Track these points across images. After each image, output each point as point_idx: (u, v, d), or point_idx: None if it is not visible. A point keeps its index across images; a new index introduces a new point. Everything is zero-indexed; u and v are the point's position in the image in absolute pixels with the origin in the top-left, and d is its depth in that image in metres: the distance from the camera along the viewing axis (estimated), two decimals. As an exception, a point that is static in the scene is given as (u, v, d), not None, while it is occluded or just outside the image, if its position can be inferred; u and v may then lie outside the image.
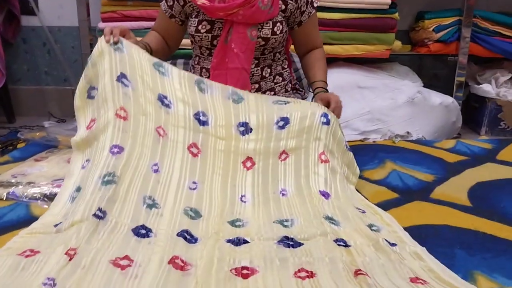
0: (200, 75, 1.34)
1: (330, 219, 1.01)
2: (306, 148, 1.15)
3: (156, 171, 1.06)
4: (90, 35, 2.09)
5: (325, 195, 1.10)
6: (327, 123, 1.17)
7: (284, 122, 1.18)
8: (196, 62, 1.38)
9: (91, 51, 1.97)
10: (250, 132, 1.18)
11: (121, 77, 1.12)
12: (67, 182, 1.10)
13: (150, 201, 0.98)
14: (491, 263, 0.88)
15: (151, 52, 1.27)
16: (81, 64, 2.18)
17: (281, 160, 1.16)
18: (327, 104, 1.23)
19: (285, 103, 1.22)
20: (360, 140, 1.81)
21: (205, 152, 1.15)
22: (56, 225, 0.93)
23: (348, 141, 1.29)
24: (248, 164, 1.16)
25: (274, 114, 1.19)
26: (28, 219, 1.03)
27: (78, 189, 1.02)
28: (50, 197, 1.13)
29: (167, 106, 1.16)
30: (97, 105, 1.13)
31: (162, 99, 1.16)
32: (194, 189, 1.08)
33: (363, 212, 1.07)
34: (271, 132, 1.17)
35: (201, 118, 1.18)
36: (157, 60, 1.21)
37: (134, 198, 0.97)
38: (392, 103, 1.91)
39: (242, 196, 1.10)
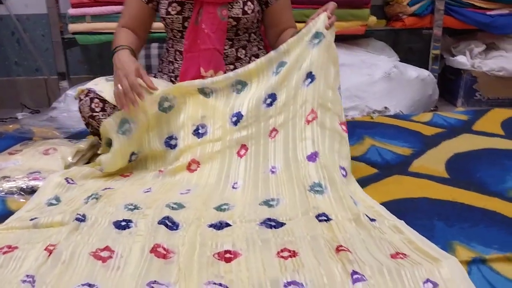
0: (174, 58, 1.32)
1: (316, 187, 1.01)
2: (294, 119, 1.15)
3: (148, 191, 1.10)
4: (60, 22, 2.02)
5: (313, 157, 1.08)
6: (312, 81, 1.15)
7: (272, 99, 1.18)
8: (170, 46, 1.35)
9: (62, 38, 1.93)
10: (241, 118, 1.18)
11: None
12: (46, 186, 1.10)
13: (132, 206, 0.99)
14: (469, 232, 0.90)
15: (135, 56, 1.25)
16: (52, 53, 2.12)
17: (271, 138, 1.16)
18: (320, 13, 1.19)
19: (282, 66, 1.20)
20: (339, 117, 1.81)
21: (204, 163, 1.17)
22: (32, 219, 0.92)
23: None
24: (242, 151, 1.17)
25: (263, 92, 1.18)
26: (5, 214, 1.02)
27: (57, 199, 1.05)
28: (26, 191, 1.11)
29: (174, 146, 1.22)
30: None
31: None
32: (185, 193, 1.09)
33: (345, 175, 1.08)
34: (259, 112, 1.17)
35: (200, 131, 1.20)
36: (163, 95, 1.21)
37: (116, 204, 0.99)
38: (369, 79, 1.91)
39: (234, 183, 1.11)
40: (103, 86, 1.25)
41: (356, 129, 1.58)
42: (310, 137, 1.11)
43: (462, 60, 2.15)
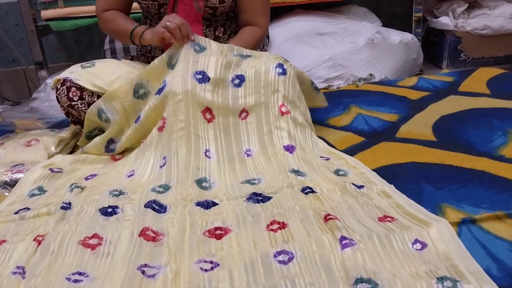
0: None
1: (296, 171, 1.01)
2: (266, 103, 1.13)
3: (131, 175, 1.08)
4: (32, 10, 1.96)
5: (290, 149, 1.09)
6: (283, 73, 1.14)
7: (240, 80, 1.15)
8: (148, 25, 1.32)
9: (36, 26, 1.88)
10: (208, 81, 1.12)
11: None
12: (27, 177, 1.08)
13: (117, 192, 0.97)
14: (458, 194, 0.90)
15: None
16: (27, 42, 2.06)
17: (242, 119, 1.14)
18: None
19: (246, 57, 1.19)
20: (325, 88, 1.80)
21: (169, 118, 1.10)
22: (16, 213, 0.90)
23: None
24: (208, 115, 1.12)
25: (229, 72, 1.16)
26: (-10, 209, 0.99)
27: (41, 189, 1.03)
28: (10, 184, 1.09)
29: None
30: None
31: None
32: (163, 165, 1.06)
33: (327, 159, 1.08)
34: (227, 89, 1.14)
35: (159, 87, 1.15)
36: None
37: (101, 191, 0.98)
38: (352, 47, 1.89)
39: (206, 150, 1.08)
40: (79, 74, 1.22)
41: (342, 99, 1.57)
42: (286, 129, 1.12)
43: (445, 21, 2.13)
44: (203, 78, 1.12)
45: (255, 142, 1.12)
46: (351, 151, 1.14)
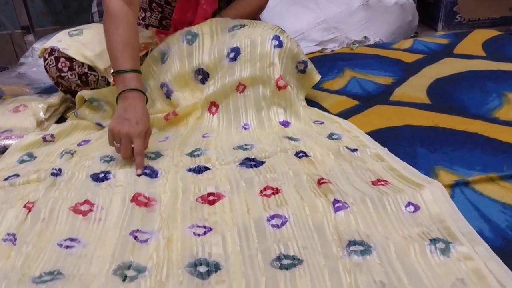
0: (149, 6, 1.25)
1: (290, 138, 1.00)
2: (262, 78, 1.10)
3: None
4: (15, -29, 1.89)
5: (285, 124, 1.09)
6: (280, 45, 1.10)
7: (235, 53, 1.12)
8: None
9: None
10: (208, 77, 1.14)
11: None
12: (18, 144, 1.07)
13: (108, 158, 0.96)
14: (451, 156, 0.89)
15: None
16: (12, 6, 2.00)
17: (240, 92, 1.12)
18: None
19: (240, 27, 1.16)
20: (318, 51, 1.76)
21: (180, 114, 1.13)
22: (6, 179, 0.89)
23: (306, 54, 1.25)
24: (213, 109, 1.13)
25: (224, 46, 1.13)
26: (-20, 176, 0.98)
27: (30, 155, 1.02)
28: (0, 150, 1.07)
29: None
30: None
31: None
32: (163, 140, 1.06)
33: (321, 123, 1.07)
34: (224, 67, 1.12)
35: (166, 93, 1.16)
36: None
37: (92, 157, 0.96)
38: (347, 9, 1.85)
39: (204, 134, 1.08)
40: (67, 43, 1.18)
41: (336, 62, 1.54)
42: (282, 105, 1.10)
43: (441, -18, 2.08)
44: (203, 76, 1.14)
45: (253, 117, 1.11)
46: (345, 114, 1.13)
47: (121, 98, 0.94)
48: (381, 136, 1.00)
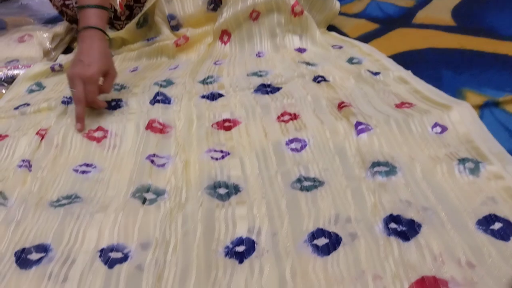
0: None
1: (307, 63, 0.96)
2: (277, 3, 1.04)
3: (134, 70, 1.06)
4: None
5: (301, 51, 1.04)
6: None
7: None
8: None
9: None
10: (220, 3, 1.08)
11: None
12: (26, 74, 1.04)
13: (118, 86, 0.93)
14: (479, 78, 0.85)
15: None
16: None
17: (253, 20, 1.06)
18: None
19: None
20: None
21: (191, 39, 1.10)
22: (16, 108, 0.87)
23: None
24: (225, 38, 1.08)
25: None
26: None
27: (40, 85, 0.99)
28: (7, 80, 1.04)
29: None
30: None
31: None
32: (173, 68, 1.03)
33: (340, 47, 1.02)
34: None
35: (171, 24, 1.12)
36: None
37: None
38: None
39: (217, 61, 1.04)
40: None
41: (353, -15, 1.45)
42: (298, 32, 1.06)
43: None
44: (215, 4, 1.09)
45: (267, 45, 1.07)
46: (365, 38, 1.07)
47: (79, 37, 0.83)
48: (404, 59, 0.95)
